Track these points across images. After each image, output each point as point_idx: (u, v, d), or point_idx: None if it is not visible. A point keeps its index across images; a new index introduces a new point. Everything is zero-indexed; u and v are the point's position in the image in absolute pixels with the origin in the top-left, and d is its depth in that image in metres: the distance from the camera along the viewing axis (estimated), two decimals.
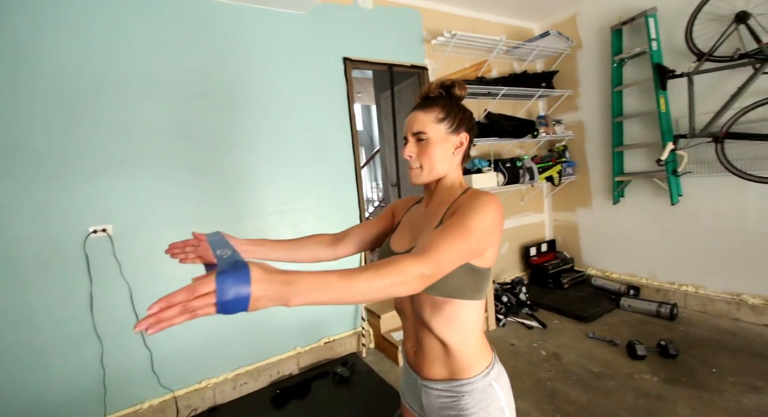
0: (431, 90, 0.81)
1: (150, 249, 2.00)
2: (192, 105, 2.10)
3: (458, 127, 0.79)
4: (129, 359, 1.95)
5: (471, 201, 0.70)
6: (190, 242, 0.79)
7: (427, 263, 0.56)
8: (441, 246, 0.59)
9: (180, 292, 0.40)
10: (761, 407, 1.69)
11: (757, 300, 2.46)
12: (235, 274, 0.42)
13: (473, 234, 0.63)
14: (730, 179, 2.39)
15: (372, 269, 0.52)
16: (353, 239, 0.94)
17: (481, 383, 0.74)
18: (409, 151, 0.79)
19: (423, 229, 0.79)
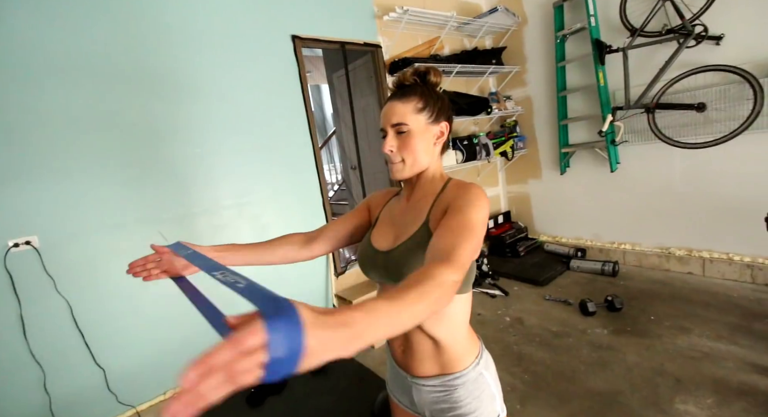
0: (407, 78, 0.77)
1: (88, 258, 1.79)
2: (121, 91, 1.85)
3: (438, 116, 0.76)
4: (78, 381, 1.77)
5: (463, 195, 0.68)
6: (150, 258, 0.73)
7: (457, 269, 0.53)
8: (460, 248, 0.57)
9: (222, 348, 0.27)
10: (692, 346, 1.95)
11: (682, 251, 2.79)
12: (285, 318, 0.29)
13: (478, 229, 0.62)
14: (661, 146, 2.63)
15: (414, 289, 0.46)
16: (328, 237, 0.90)
17: (472, 374, 0.74)
18: (389, 145, 0.74)
19: (407, 225, 0.76)
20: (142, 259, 0.73)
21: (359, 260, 0.83)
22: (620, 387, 1.73)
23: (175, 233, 2.02)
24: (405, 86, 0.77)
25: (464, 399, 0.73)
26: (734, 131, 2.28)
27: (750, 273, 2.48)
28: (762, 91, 2.14)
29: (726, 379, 1.68)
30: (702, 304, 2.33)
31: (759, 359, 1.76)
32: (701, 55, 2.40)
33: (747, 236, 2.45)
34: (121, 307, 1.87)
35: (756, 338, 1.92)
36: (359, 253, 0.84)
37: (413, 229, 0.73)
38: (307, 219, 2.50)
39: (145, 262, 0.73)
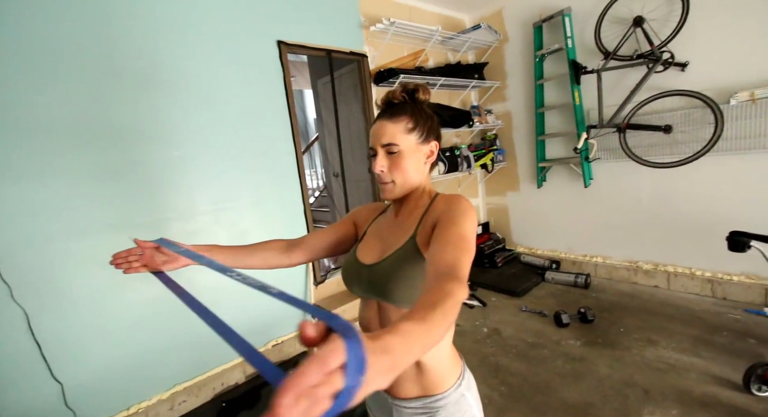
0: (396, 96, 0.76)
1: (51, 265, 1.68)
2: (94, 89, 1.76)
3: (428, 135, 0.76)
4: (31, 397, 1.64)
5: (453, 207, 0.68)
6: (133, 251, 0.76)
7: (464, 284, 0.53)
8: (462, 263, 0.57)
9: (310, 367, 0.25)
10: (658, 358, 2.03)
11: (649, 265, 2.92)
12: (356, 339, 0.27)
13: (472, 241, 0.63)
14: (631, 164, 2.76)
15: (440, 309, 0.44)
16: (309, 246, 0.89)
17: (454, 396, 0.73)
18: (380, 165, 0.74)
19: (394, 240, 0.75)
20: (125, 252, 0.75)
21: (343, 274, 0.82)
22: (592, 399, 1.78)
23: (148, 239, 1.93)
24: (394, 104, 0.77)
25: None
26: (697, 153, 2.42)
27: (710, 287, 2.62)
28: (722, 116, 2.29)
29: (690, 390, 1.75)
30: (667, 317, 2.44)
31: (719, 371, 1.86)
32: (668, 80, 2.55)
33: (708, 252, 2.60)
34: (83, 317, 1.76)
35: (716, 350, 2.02)
36: (344, 266, 0.82)
37: (399, 244, 0.73)
38: (287, 226, 2.46)
39: (128, 254, 0.75)
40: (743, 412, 1.59)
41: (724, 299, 2.56)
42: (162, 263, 0.76)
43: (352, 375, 0.25)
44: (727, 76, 2.36)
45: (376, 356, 0.29)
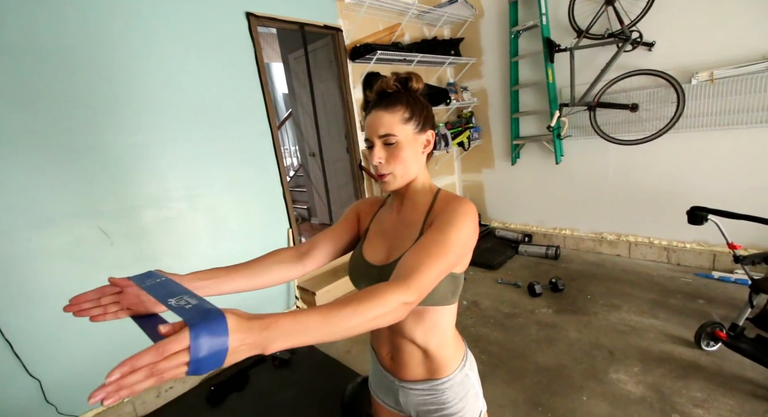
0: (389, 85, 0.74)
1: (12, 259, 1.58)
2: (46, 68, 1.61)
3: (424, 125, 0.75)
4: (8, 395, 1.59)
5: (449, 212, 0.68)
6: (106, 291, 0.57)
7: (410, 290, 0.55)
8: (422, 270, 0.58)
9: (146, 352, 0.34)
10: (621, 321, 2.22)
11: (613, 236, 3.13)
12: (210, 326, 0.36)
13: (452, 249, 0.63)
14: (599, 141, 2.89)
15: (353, 305, 0.49)
16: (322, 251, 0.84)
17: (458, 377, 0.77)
18: (378, 156, 0.73)
19: (400, 240, 0.75)
20: (93, 292, 0.56)
21: (350, 272, 0.82)
22: (564, 361, 1.93)
23: (118, 228, 1.85)
24: (388, 94, 0.75)
25: (451, 400, 0.76)
26: (660, 130, 2.56)
27: (666, 254, 2.86)
28: (684, 95, 2.42)
29: (649, 349, 1.95)
30: (628, 283, 2.65)
31: (674, 330, 2.06)
32: (636, 59, 2.64)
33: (665, 223, 2.81)
34: (54, 313, 1.68)
35: (671, 312, 2.24)
36: (350, 265, 0.82)
37: (407, 245, 0.72)
38: (266, 210, 2.41)
39: (99, 294, 0.56)
40: (693, 365, 1.79)
41: (678, 265, 2.81)
42: (154, 304, 0.59)
43: (201, 350, 0.35)
44: (689, 57, 2.47)
45: (247, 333, 0.39)
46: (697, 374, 1.73)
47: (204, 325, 0.36)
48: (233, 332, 0.38)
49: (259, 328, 0.40)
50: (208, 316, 0.37)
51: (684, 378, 1.72)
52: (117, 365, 0.33)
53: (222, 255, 2.19)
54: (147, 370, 0.34)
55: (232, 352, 0.38)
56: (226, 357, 0.37)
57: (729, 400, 1.58)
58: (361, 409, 1.64)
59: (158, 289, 0.48)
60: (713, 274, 2.58)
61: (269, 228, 2.44)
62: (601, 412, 1.59)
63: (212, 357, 0.36)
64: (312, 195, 4.19)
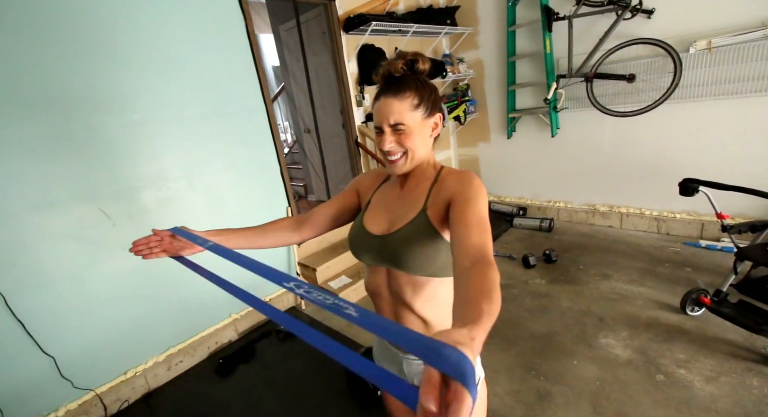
0: (396, 69, 0.74)
1: (18, 242, 1.59)
2: (35, 50, 1.55)
3: (432, 109, 0.76)
4: (24, 370, 1.64)
5: (467, 189, 0.70)
6: (152, 238, 0.80)
7: (496, 267, 0.57)
8: (488, 245, 0.61)
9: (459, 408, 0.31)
10: (611, 289, 2.31)
11: (605, 208, 3.19)
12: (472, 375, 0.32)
13: (488, 220, 0.67)
14: (595, 113, 2.88)
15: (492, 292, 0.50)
16: (317, 220, 0.91)
17: None
18: (388, 143, 0.74)
19: (403, 212, 0.78)
20: (144, 239, 0.79)
21: (351, 243, 0.85)
22: (556, 328, 2.03)
23: (118, 209, 1.85)
24: (396, 78, 0.75)
25: None
26: (656, 101, 2.56)
27: (656, 224, 2.94)
28: (681, 64, 2.40)
29: (637, 315, 2.04)
30: (619, 253, 2.73)
31: (661, 297, 2.16)
32: (635, 27, 2.59)
33: (656, 194, 2.87)
34: (63, 291, 1.72)
35: (659, 280, 2.33)
36: (351, 235, 0.85)
37: (410, 216, 0.75)
38: (264, 188, 2.41)
39: (147, 241, 0.79)
40: (678, 329, 1.90)
41: (668, 234, 2.89)
42: (180, 249, 0.81)
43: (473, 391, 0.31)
44: (688, 24, 2.43)
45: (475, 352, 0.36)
46: (681, 338, 1.84)
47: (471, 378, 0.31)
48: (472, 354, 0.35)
49: (479, 344, 0.40)
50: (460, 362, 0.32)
51: (669, 341, 1.82)
52: None
53: None
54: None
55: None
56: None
57: (710, 360, 1.68)
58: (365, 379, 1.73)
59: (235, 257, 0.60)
60: (701, 242, 2.67)
61: (268, 206, 2.46)
62: (590, 375, 1.69)
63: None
64: (308, 172, 4.17)
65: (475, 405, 0.31)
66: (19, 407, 1.64)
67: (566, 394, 1.61)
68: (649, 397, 1.54)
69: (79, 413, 1.78)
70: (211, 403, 1.84)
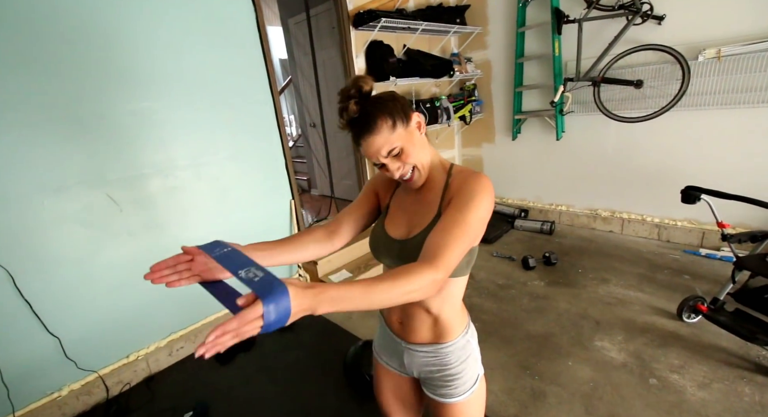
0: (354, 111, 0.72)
1: (27, 224, 1.62)
2: (47, 35, 1.57)
3: (406, 116, 0.75)
4: (30, 350, 1.69)
5: (466, 189, 0.71)
6: (181, 258, 0.63)
7: (439, 269, 0.61)
8: (448, 249, 0.63)
9: (232, 321, 0.43)
10: (609, 294, 2.33)
11: (607, 213, 3.20)
12: (278, 298, 0.45)
13: (472, 228, 0.67)
14: (600, 118, 2.88)
15: (389, 281, 0.57)
16: (348, 229, 0.90)
17: (461, 342, 0.84)
18: (397, 170, 0.77)
19: (420, 216, 0.79)
20: (171, 260, 0.62)
21: (372, 246, 0.87)
22: (553, 330, 2.05)
23: (126, 196, 1.88)
24: (359, 118, 0.73)
25: (453, 362, 0.84)
26: (663, 108, 2.56)
27: (657, 231, 2.95)
28: (689, 71, 2.41)
29: (633, 320, 2.06)
30: (619, 258, 2.75)
31: (658, 303, 2.18)
32: (645, 33, 2.59)
33: (659, 200, 2.88)
34: (70, 275, 1.75)
35: (657, 286, 2.35)
36: (372, 239, 0.87)
37: (427, 222, 0.76)
38: (269, 180, 2.44)
39: (175, 262, 0.62)
40: (673, 335, 1.92)
41: (668, 242, 2.90)
42: (220, 271, 0.65)
43: (271, 316, 0.44)
44: (698, 33, 2.43)
45: (302, 299, 0.48)
46: (676, 343, 1.86)
47: (272, 297, 0.44)
48: (292, 300, 0.46)
49: (311, 295, 0.49)
50: (274, 289, 0.45)
51: (664, 346, 1.84)
52: (212, 329, 0.43)
53: (227, 224, 2.25)
54: (233, 333, 0.43)
55: (292, 316, 0.47)
56: (289, 318, 0.47)
57: (703, 366, 1.70)
58: (362, 369, 1.76)
59: (227, 260, 0.55)
60: (701, 251, 2.68)
61: (272, 198, 2.48)
62: (584, 376, 1.72)
63: (279, 320, 0.45)
64: (312, 166, 4.19)
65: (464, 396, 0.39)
66: (25, 385, 1.68)
67: (560, 394, 1.64)
68: (642, 400, 1.56)
69: (82, 393, 1.82)
70: (210, 389, 1.88)
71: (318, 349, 2.12)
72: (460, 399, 0.84)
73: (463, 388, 0.84)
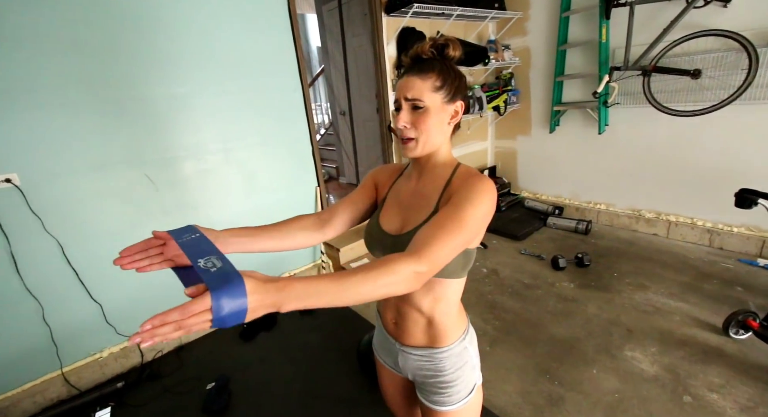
0: (424, 51, 0.73)
1: (74, 199, 1.77)
2: (95, 19, 1.68)
3: (455, 95, 0.73)
4: (76, 314, 1.85)
5: (466, 188, 0.68)
6: (152, 243, 0.62)
7: (421, 261, 0.56)
8: (436, 243, 0.59)
9: (173, 311, 0.39)
10: (646, 301, 2.16)
11: (652, 214, 2.96)
12: (230, 290, 0.41)
13: (468, 226, 0.63)
14: (649, 110, 2.65)
15: (363, 272, 0.52)
16: (341, 219, 0.87)
17: (457, 348, 0.80)
18: (403, 120, 0.72)
19: (415, 211, 0.76)
20: (141, 244, 0.61)
21: (366, 239, 0.84)
22: (578, 334, 1.94)
23: (162, 176, 1.99)
24: (423, 60, 0.73)
25: (447, 369, 0.80)
26: (723, 101, 2.30)
27: (709, 237, 2.69)
28: (757, 61, 2.14)
29: (671, 331, 1.90)
30: (661, 264, 2.54)
31: (702, 315, 1.99)
32: (707, 17, 2.33)
33: (713, 203, 2.61)
34: (110, 247, 1.83)
35: (703, 297, 2.15)
36: (367, 231, 0.85)
37: (421, 218, 0.73)
38: (296, 167, 2.48)
39: (146, 246, 0.61)
40: (716, 351, 1.75)
41: (721, 249, 2.64)
42: None
43: (222, 310, 0.40)
44: None
45: (264, 295, 0.43)
46: (718, 360, 1.69)
47: (224, 289, 0.40)
48: (251, 294, 0.42)
49: (275, 290, 0.45)
50: (229, 281, 0.41)
51: (704, 362, 1.69)
52: (149, 318, 0.38)
53: (253, 208, 2.32)
54: (175, 325, 0.39)
55: (252, 311, 0.43)
56: (247, 314, 0.42)
57: (749, 388, 1.54)
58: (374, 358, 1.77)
59: (191, 247, 0.52)
60: (759, 261, 2.41)
61: (298, 184, 2.53)
62: (609, 386, 1.62)
63: (233, 315, 0.41)
64: (341, 154, 4.22)
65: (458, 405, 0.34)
66: (71, 345, 1.86)
67: (579, 401, 1.55)
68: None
69: (120, 356, 1.99)
70: (232, 363, 1.98)
71: (335, 333, 2.15)
72: (454, 408, 0.80)
73: (458, 396, 0.80)
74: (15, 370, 1.74)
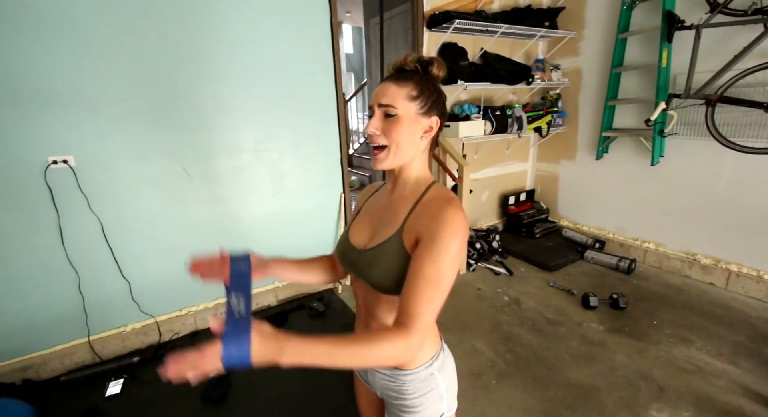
0: (407, 63, 0.72)
1: (118, 183, 1.93)
2: (156, 24, 1.86)
3: (430, 109, 0.71)
4: (107, 288, 2.01)
5: (437, 224, 0.64)
6: (215, 261, 0.75)
7: (413, 335, 0.60)
8: (420, 311, 0.61)
9: (191, 354, 0.48)
10: (688, 358, 1.90)
11: (709, 260, 2.63)
12: (238, 343, 0.50)
13: (445, 277, 0.63)
14: (712, 144, 2.38)
15: (360, 344, 0.57)
16: None
17: (423, 374, 0.76)
18: (373, 126, 0.70)
19: (383, 225, 0.74)
20: (208, 260, 0.75)
21: (337, 249, 0.84)
22: (599, 383, 1.75)
23: (198, 171, 2.12)
24: (404, 71, 0.73)
25: (410, 393, 0.76)
26: None
27: None
28: None
29: (712, 396, 1.65)
30: (713, 318, 2.23)
31: (754, 384, 1.70)
32: None
33: None
34: (144, 231, 2.04)
35: (758, 362, 1.84)
36: (338, 243, 0.84)
37: (387, 235, 0.71)
38: (323, 172, 2.53)
39: (210, 263, 0.75)
40: None
41: None
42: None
43: (230, 357, 0.49)
44: None
45: (265, 350, 0.51)
46: None
47: (233, 342, 0.50)
48: (254, 348, 0.50)
49: (275, 349, 0.52)
50: (239, 338, 0.50)
51: None
52: (172, 358, 0.48)
53: (279, 208, 2.39)
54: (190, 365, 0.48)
55: (253, 362, 0.50)
56: (249, 362, 0.50)
57: None
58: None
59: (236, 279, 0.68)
60: None
61: (324, 190, 2.57)
62: None
63: (238, 363, 0.50)
64: None
65: None
66: (100, 315, 2.02)
67: None
68: None
69: (141, 333, 2.12)
70: None
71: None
72: None
73: None
74: (49, 331, 1.92)
